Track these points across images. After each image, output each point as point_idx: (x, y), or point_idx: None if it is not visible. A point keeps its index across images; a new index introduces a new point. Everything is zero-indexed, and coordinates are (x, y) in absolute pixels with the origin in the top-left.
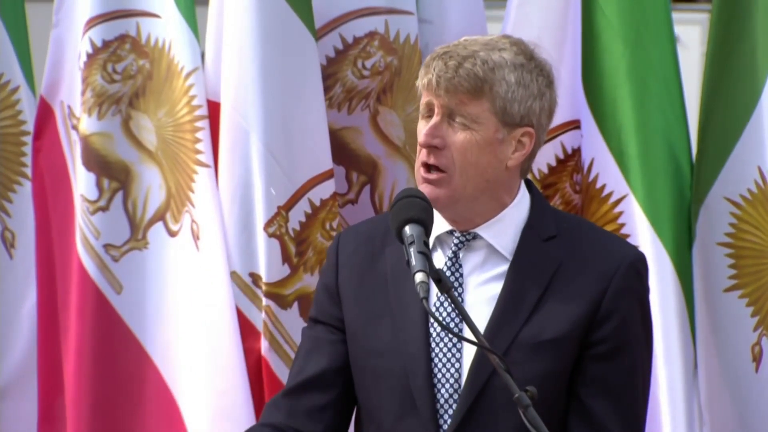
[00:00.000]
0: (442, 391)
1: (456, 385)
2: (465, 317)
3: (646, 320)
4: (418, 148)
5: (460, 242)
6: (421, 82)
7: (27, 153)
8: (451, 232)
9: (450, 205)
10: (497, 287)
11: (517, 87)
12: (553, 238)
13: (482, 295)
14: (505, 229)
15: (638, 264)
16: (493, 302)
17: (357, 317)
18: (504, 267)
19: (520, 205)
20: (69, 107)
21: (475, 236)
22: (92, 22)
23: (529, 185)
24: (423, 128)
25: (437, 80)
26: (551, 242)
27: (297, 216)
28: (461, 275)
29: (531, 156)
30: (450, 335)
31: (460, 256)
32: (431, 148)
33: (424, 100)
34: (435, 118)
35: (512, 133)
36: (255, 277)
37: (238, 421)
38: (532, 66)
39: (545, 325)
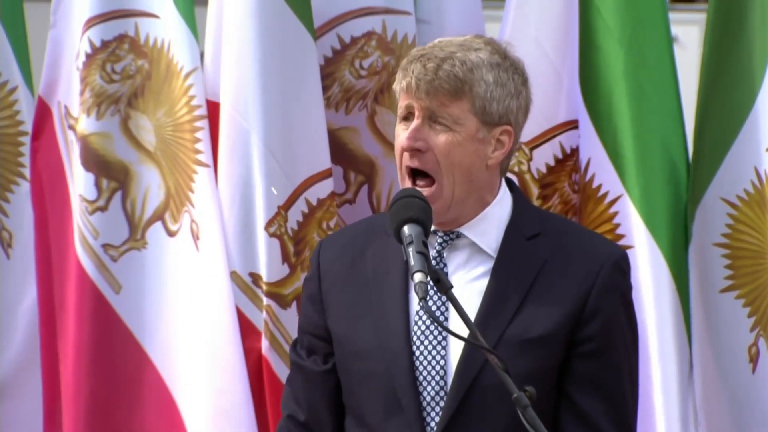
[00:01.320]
0: (428, 389)
1: (442, 383)
2: (464, 318)
3: (631, 317)
4: (399, 152)
5: (444, 241)
6: (399, 85)
7: (24, 153)
8: (434, 232)
9: (443, 215)
10: (482, 286)
11: (495, 86)
12: (536, 236)
13: (467, 293)
14: (489, 227)
15: (622, 262)
16: (478, 301)
17: (341, 322)
18: (488, 265)
19: (502, 204)
20: (66, 107)
21: (459, 235)
22: (91, 22)
23: (510, 184)
24: (402, 132)
25: (417, 83)
26: (535, 240)
27: (295, 216)
28: (446, 274)
29: (510, 154)
30: (434, 334)
31: (444, 255)
32: (414, 151)
33: (403, 103)
34: (416, 121)
35: (492, 132)
36: (255, 277)
37: (237, 420)
38: (508, 65)
39: (531, 323)
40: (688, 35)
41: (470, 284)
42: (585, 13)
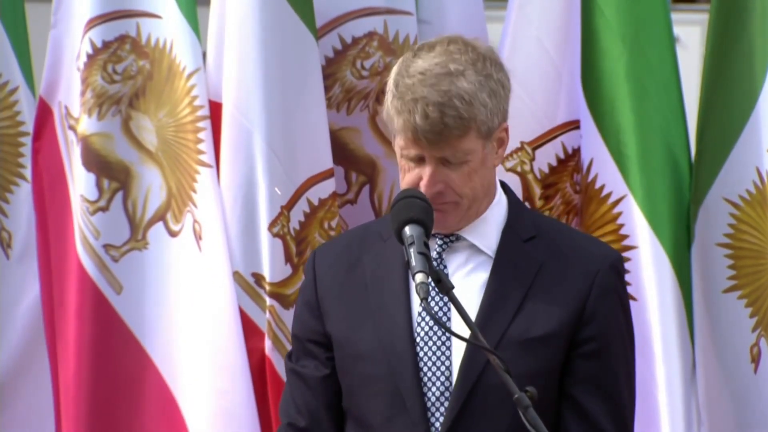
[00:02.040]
0: (433, 389)
1: (447, 383)
2: (466, 318)
3: (628, 317)
4: (403, 169)
5: (444, 243)
6: (397, 125)
7: (25, 154)
8: (433, 235)
9: (456, 228)
10: (482, 286)
11: (491, 101)
12: (532, 238)
13: (467, 294)
14: (488, 229)
15: (618, 264)
16: (478, 301)
17: (340, 327)
18: (487, 266)
19: (500, 205)
20: (66, 107)
21: (458, 237)
22: (92, 23)
23: (503, 185)
24: (413, 170)
25: (425, 136)
26: (531, 243)
27: (297, 216)
28: (447, 275)
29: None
30: (438, 335)
31: (443, 257)
32: (435, 194)
33: (411, 150)
34: (429, 168)
35: (493, 138)
36: (258, 277)
37: (240, 421)
38: (489, 67)
39: (532, 323)
40: (690, 35)
41: (470, 285)
42: (587, 13)
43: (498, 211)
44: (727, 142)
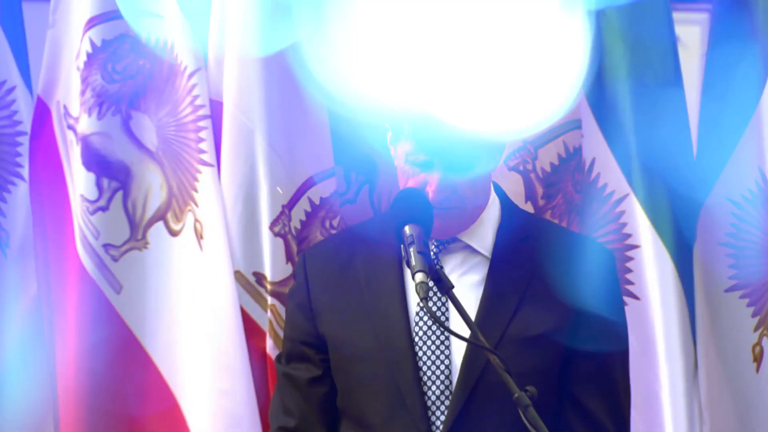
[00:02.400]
0: (433, 388)
1: (447, 382)
2: (465, 318)
3: (623, 313)
4: (407, 174)
5: (440, 244)
6: (406, 130)
7: (22, 153)
8: (430, 239)
9: (456, 233)
10: (479, 286)
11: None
12: (527, 237)
13: (464, 295)
14: (483, 230)
15: (611, 262)
16: (476, 301)
17: (335, 328)
18: (484, 266)
19: (493, 206)
20: (65, 107)
21: (454, 238)
22: (92, 22)
23: (495, 186)
24: (415, 175)
25: (438, 142)
26: (526, 242)
27: (298, 215)
28: (446, 275)
29: None
30: (437, 334)
31: (440, 259)
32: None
33: (420, 156)
34: (438, 174)
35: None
36: (259, 276)
37: (241, 421)
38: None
39: (529, 322)
40: (691, 35)
41: (467, 286)
42: (588, 12)
43: (492, 212)
44: (730, 141)
